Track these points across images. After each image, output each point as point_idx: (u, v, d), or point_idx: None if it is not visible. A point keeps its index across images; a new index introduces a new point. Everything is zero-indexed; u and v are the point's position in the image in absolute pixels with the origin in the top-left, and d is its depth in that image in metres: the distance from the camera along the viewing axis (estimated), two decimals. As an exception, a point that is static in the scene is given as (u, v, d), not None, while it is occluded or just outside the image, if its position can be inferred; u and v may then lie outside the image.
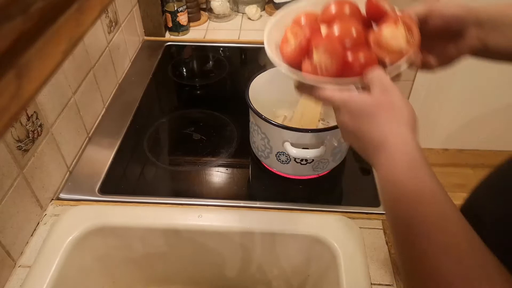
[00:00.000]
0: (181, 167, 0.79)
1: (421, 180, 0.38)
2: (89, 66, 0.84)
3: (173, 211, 0.69)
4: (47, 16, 0.17)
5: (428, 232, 0.35)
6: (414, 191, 0.37)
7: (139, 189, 0.74)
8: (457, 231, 0.35)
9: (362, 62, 0.43)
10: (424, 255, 0.35)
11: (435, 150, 1.93)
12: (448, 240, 0.35)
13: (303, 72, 0.45)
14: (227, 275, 0.75)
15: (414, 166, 0.39)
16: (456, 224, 0.36)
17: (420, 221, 0.36)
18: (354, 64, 0.43)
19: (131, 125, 0.88)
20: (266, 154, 0.73)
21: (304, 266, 0.70)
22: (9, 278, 0.60)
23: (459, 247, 0.34)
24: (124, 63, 1.04)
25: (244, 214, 0.68)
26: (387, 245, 0.64)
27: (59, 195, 0.72)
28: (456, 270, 0.33)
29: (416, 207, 0.37)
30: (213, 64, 1.12)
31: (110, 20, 0.93)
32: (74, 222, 0.65)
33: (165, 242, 0.69)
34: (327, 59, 0.43)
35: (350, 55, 0.43)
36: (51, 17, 0.17)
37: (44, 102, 0.67)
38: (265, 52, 0.47)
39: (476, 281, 0.32)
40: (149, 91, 0.99)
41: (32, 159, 0.64)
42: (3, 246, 0.58)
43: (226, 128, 0.88)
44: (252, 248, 0.69)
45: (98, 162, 0.78)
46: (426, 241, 0.35)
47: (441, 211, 0.36)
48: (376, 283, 0.59)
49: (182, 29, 1.19)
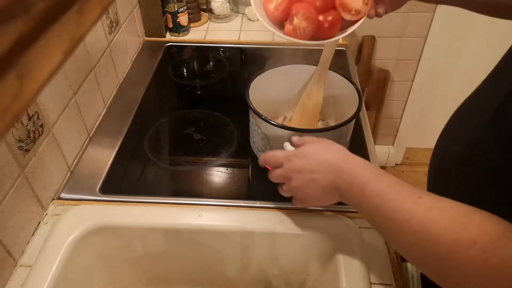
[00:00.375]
0: (182, 167, 0.80)
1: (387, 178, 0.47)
2: (90, 66, 0.84)
3: (174, 211, 0.69)
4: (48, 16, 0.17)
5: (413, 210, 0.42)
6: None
7: (139, 189, 0.75)
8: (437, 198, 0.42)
9: (330, 22, 0.55)
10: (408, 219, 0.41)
11: (435, 150, 1.93)
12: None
13: (285, 32, 0.56)
14: (227, 275, 0.75)
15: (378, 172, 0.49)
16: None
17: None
18: (324, 25, 0.55)
19: (131, 125, 0.88)
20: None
21: (304, 266, 0.70)
22: (10, 278, 0.60)
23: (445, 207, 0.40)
24: (124, 64, 1.04)
25: (244, 214, 0.68)
26: (387, 245, 0.64)
27: (60, 195, 0.72)
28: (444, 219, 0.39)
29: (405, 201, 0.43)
30: (213, 65, 1.12)
31: (111, 20, 0.94)
32: (75, 222, 0.65)
33: (166, 241, 0.69)
34: (305, 24, 0.54)
35: (322, 17, 0.55)
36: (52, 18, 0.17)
37: (45, 102, 0.67)
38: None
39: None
40: (149, 91, 0.99)
41: (33, 159, 0.64)
42: (4, 246, 0.59)
43: (226, 128, 0.88)
44: (252, 247, 0.69)
45: (99, 162, 0.79)
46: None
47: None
48: (376, 283, 0.60)
49: (182, 29, 1.19)
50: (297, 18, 0.54)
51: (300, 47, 1.13)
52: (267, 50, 1.14)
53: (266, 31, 1.22)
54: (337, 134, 0.68)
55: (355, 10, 0.55)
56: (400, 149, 1.88)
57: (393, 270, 0.61)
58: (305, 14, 0.54)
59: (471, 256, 0.35)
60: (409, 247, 0.42)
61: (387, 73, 1.62)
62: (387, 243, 0.64)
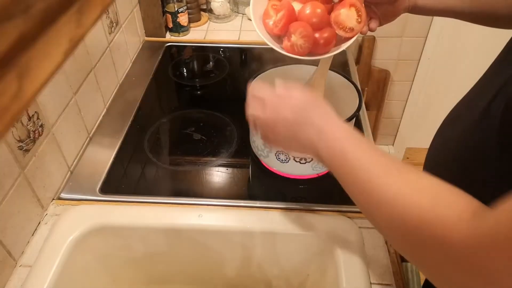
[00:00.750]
0: (182, 167, 0.80)
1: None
2: (90, 66, 0.84)
3: (174, 211, 0.69)
4: (47, 16, 0.17)
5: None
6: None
7: (139, 189, 0.75)
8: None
9: (326, 39, 0.58)
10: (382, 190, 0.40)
11: (435, 150, 1.93)
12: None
13: (284, 48, 0.59)
14: (227, 275, 0.75)
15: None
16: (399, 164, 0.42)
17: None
18: (320, 41, 0.58)
19: (131, 125, 0.88)
20: (265, 153, 0.73)
21: (304, 266, 0.70)
22: (10, 278, 0.60)
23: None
24: (124, 64, 1.04)
25: (244, 214, 0.68)
26: (387, 245, 0.64)
27: (60, 195, 0.72)
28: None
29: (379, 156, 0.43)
30: (214, 65, 1.12)
31: (111, 20, 0.94)
32: (75, 222, 0.65)
33: (166, 241, 0.69)
34: (302, 41, 0.57)
35: (318, 35, 0.58)
36: (52, 18, 0.17)
37: (45, 102, 0.67)
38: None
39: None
40: (149, 92, 0.99)
41: (33, 159, 0.64)
42: (4, 246, 0.59)
43: (226, 128, 0.88)
44: (252, 247, 0.69)
45: (99, 162, 0.79)
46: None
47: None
48: (376, 283, 0.60)
49: (182, 29, 1.19)
50: (295, 35, 0.57)
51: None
52: (267, 50, 1.14)
53: (266, 31, 1.22)
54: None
55: (349, 28, 0.58)
56: (400, 149, 1.88)
57: (393, 270, 0.61)
58: (302, 33, 0.56)
59: (454, 232, 0.34)
60: (384, 223, 0.41)
61: (387, 73, 1.62)
62: (387, 243, 0.64)
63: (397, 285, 0.59)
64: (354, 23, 0.58)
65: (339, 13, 0.58)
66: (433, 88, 1.68)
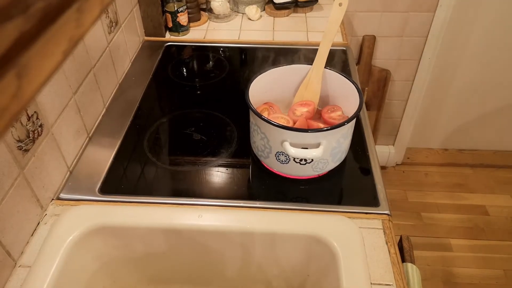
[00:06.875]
0: (181, 167, 0.79)
1: None
2: (90, 66, 0.84)
3: (173, 211, 0.69)
4: (47, 16, 0.17)
5: None
6: None
7: (139, 189, 0.74)
8: None
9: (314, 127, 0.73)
10: None
11: (434, 150, 1.93)
12: None
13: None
14: (227, 275, 0.75)
15: None
16: None
17: None
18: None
19: (131, 125, 0.88)
20: (265, 154, 0.73)
21: (304, 266, 0.70)
22: (9, 278, 0.60)
23: None
24: (124, 63, 1.04)
25: (244, 214, 0.68)
26: (387, 245, 0.64)
27: (60, 195, 0.72)
28: None
29: None
30: (213, 64, 1.12)
31: (111, 20, 0.94)
32: (75, 222, 0.65)
33: (165, 242, 0.69)
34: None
35: (309, 124, 0.75)
36: (51, 17, 0.17)
37: (44, 102, 0.67)
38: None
39: None
40: (149, 91, 0.99)
41: (32, 159, 0.64)
42: (3, 246, 0.58)
43: (226, 128, 0.88)
44: (252, 248, 0.69)
45: (98, 162, 0.79)
46: None
47: None
48: (376, 283, 0.60)
49: (182, 29, 1.19)
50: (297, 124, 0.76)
51: (300, 47, 1.13)
52: (267, 50, 1.14)
53: (266, 31, 1.22)
54: (338, 134, 0.68)
55: (331, 123, 0.75)
56: (400, 149, 1.88)
57: (393, 270, 0.61)
58: (302, 125, 0.76)
59: None
60: None
61: (388, 72, 1.62)
62: (387, 243, 0.64)
63: (398, 285, 0.59)
64: (336, 119, 0.77)
65: (327, 116, 0.78)
66: (434, 88, 1.68)
